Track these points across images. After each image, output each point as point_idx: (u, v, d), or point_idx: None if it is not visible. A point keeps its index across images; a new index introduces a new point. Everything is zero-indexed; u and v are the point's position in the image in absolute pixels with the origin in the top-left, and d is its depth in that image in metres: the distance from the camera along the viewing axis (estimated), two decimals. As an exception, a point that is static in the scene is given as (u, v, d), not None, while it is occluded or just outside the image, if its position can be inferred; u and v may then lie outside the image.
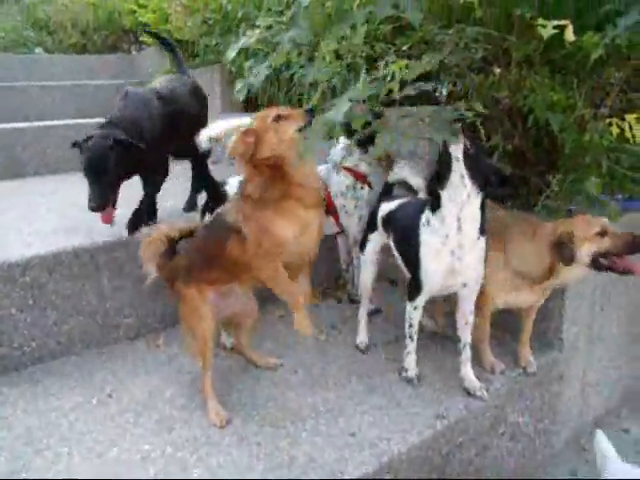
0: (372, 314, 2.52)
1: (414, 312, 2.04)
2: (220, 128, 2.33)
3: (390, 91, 2.17)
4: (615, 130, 2.06)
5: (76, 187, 3.75)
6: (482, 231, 1.88)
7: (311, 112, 1.86)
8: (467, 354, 2.05)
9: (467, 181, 1.80)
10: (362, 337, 2.38)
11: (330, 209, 2.56)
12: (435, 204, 1.87)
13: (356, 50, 2.21)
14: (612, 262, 1.87)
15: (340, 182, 2.60)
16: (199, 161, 2.85)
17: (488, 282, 2.06)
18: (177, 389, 2.09)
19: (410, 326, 2.06)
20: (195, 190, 2.96)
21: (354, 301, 2.70)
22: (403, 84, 1.96)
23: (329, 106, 1.76)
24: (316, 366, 2.22)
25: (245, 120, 2.17)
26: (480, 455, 2.04)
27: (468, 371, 2.05)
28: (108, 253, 2.43)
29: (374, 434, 1.81)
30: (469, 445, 1.98)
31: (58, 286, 2.34)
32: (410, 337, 2.08)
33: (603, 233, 1.87)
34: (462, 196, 1.80)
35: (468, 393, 2.02)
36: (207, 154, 2.59)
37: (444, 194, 1.83)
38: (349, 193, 2.59)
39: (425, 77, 3.26)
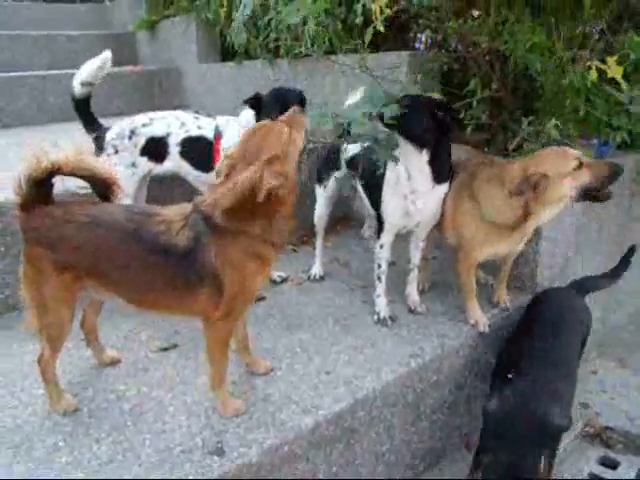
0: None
1: (381, 251, 2.13)
2: (88, 70, 2.23)
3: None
4: (594, 74, 2.06)
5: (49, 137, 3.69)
6: (440, 179, 1.98)
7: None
8: (414, 274, 2.22)
9: (404, 141, 1.93)
10: (316, 269, 2.50)
11: None
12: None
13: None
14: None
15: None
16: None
17: (466, 238, 2.05)
18: (152, 332, 2.08)
19: (379, 266, 2.14)
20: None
21: None
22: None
23: None
24: (292, 309, 2.24)
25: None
26: (453, 394, 2.08)
27: (413, 290, 2.24)
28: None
29: (349, 372, 1.83)
30: (444, 383, 2.02)
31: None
32: (379, 278, 2.14)
33: (580, 166, 1.78)
34: (406, 152, 1.94)
35: (410, 310, 2.21)
36: (86, 98, 2.30)
37: (397, 150, 1.95)
38: None
39: (404, 24, 3.22)
